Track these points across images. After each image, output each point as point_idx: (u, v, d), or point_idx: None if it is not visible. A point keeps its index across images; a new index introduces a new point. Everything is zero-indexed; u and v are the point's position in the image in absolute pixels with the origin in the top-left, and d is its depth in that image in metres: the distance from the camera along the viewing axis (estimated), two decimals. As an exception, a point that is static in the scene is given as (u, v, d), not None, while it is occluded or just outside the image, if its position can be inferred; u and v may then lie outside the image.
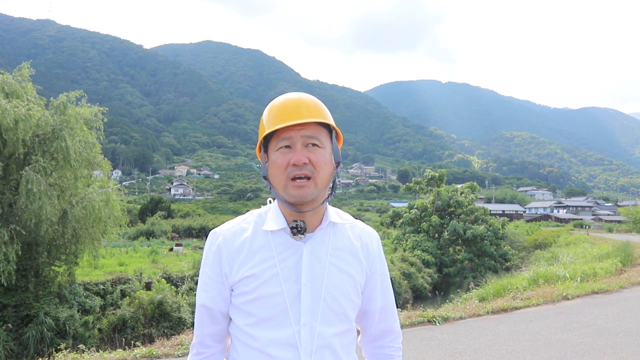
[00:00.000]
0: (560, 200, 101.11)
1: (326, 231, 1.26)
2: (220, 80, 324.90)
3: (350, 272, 1.27)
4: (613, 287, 9.29)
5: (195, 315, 1.33)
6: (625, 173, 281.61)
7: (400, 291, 20.63)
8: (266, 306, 1.20)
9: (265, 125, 1.23)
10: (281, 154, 1.20)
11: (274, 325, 1.19)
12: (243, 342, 1.23)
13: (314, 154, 1.19)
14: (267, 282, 1.20)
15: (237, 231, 1.27)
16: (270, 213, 1.26)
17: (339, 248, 1.26)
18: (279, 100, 1.26)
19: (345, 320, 1.25)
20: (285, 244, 1.23)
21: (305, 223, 1.22)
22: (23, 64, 12.91)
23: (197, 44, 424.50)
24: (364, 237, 1.33)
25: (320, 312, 1.20)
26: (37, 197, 10.87)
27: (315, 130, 1.21)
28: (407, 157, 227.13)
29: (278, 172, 1.20)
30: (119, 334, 11.75)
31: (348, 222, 1.31)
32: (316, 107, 1.23)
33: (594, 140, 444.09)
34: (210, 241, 1.29)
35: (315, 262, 1.22)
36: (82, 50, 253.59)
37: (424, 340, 5.72)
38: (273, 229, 1.23)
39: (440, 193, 30.41)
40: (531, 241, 36.05)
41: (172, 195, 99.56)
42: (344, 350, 1.25)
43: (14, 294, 11.32)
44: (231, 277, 1.24)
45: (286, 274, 1.20)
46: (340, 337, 1.23)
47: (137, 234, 35.04)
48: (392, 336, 1.39)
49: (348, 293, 1.25)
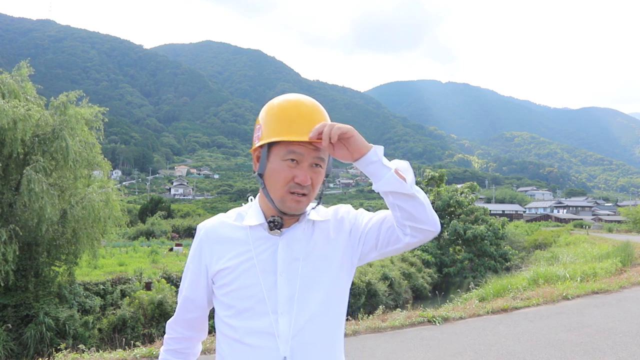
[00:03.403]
0: (560, 200, 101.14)
1: (303, 227, 1.30)
2: (220, 80, 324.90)
3: (326, 257, 1.30)
4: (613, 287, 9.28)
5: (177, 301, 1.43)
6: (625, 173, 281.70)
7: (400, 291, 20.63)
8: (244, 297, 1.24)
9: (272, 130, 1.24)
10: (287, 166, 1.23)
11: (252, 316, 1.23)
12: (224, 334, 1.28)
13: (316, 175, 1.25)
14: (244, 274, 1.25)
15: (218, 225, 1.34)
16: (251, 210, 1.33)
17: (314, 240, 1.30)
18: (292, 103, 1.27)
19: (323, 305, 1.27)
20: (263, 238, 1.28)
21: (283, 219, 1.27)
22: (22, 63, 12.83)
23: (197, 44, 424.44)
24: (333, 214, 1.36)
25: (297, 301, 1.23)
26: (38, 196, 10.87)
27: (324, 152, 1.25)
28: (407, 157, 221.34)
29: (280, 183, 1.24)
30: (119, 334, 11.75)
31: (325, 218, 1.34)
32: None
33: (594, 140, 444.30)
34: (195, 235, 1.38)
35: (290, 254, 1.27)
36: (82, 50, 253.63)
37: (424, 340, 5.71)
38: (252, 224, 1.29)
39: (441, 193, 30.41)
40: (531, 241, 36.06)
41: (172, 195, 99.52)
42: (323, 333, 1.27)
43: (14, 294, 11.31)
44: (211, 268, 1.30)
45: (262, 266, 1.25)
46: (317, 322, 1.26)
47: (137, 234, 35.01)
48: (387, 215, 1.32)
49: (327, 278, 1.28)
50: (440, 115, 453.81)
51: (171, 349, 1.44)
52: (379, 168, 1.20)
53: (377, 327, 6.16)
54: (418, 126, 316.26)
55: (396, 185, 1.19)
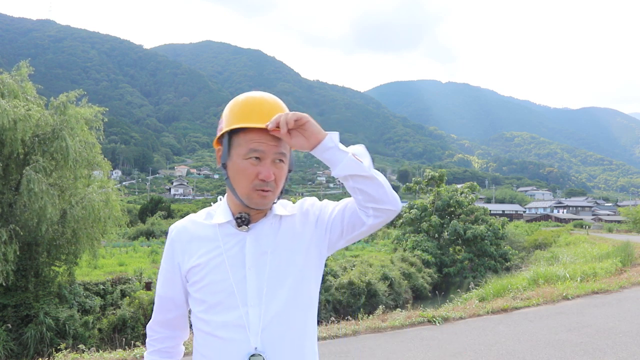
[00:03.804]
0: (560, 200, 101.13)
1: (270, 221, 1.34)
2: (220, 80, 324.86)
3: (294, 251, 1.33)
4: (613, 287, 9.28)
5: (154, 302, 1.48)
6: (625, 173, 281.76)
7: (400, 291, 20.62)
8: (214, 292, 1.28)
9: (232, 119, 1.30)
10: (251, 164, 1.27)
11: (223, 309, 1.27)
12: (199, 329, 1.32)
13: (279, 170, 1.30)
14: (214, 269, 1.29)
15: (188, 225, 1.38)
16: (219, 209, 1.37)
17: (281, 234, 1.34)
18: (253, 98, 1.33)
19: (292, 297, 1.30)
20: (231, 235, 1.32)
21: (250, 215, 1.32)
22: (21, 62, 12.80)
23: (197, 44, 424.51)
24: (298, 208, 1.40)
25: (266, 294, 1.27)
26: (38, 197, 10.86)
27: (285, 146, 1.30)
28: (407, 157, 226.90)
29: (245, 180, 1.28)
30: (119, 334, 11.76)
31: (291, 212, 1.38)
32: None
33: (594, 140, 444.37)
34: (167, 236, 1.42)
35: (258, 248, 1.30)
36: (82, 50, 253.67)
37: (424, 340, 5.71)
38: (220, 222, 1.33)
39: (440, 193, 30.40)
40: (531, 241, 36.06)
41: (172, 195, 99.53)
42: (293, 325, 1.30)
43: (14, 294, 11.31)
44: (183, 267, 1.34)
45: (231, 262, 1.29)
46: (287, 314, 1.29)
47: (137, 234, 35.03)
48: (348, 201, 1.37)
49: (295, 270, 1.32)
50: (440, 115, 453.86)
51: (155, 349, 1.47)
52: (336, 153, 1.24)
53: (377, 327, 6.16)
54: (418, 126, 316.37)
55: (354, 168, 1.23)
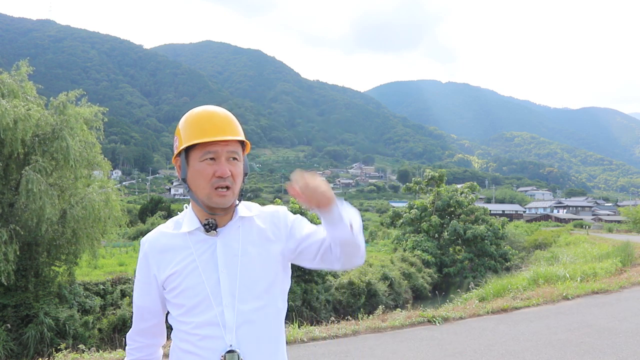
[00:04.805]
0: (560, 200, 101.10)
1: (236, 224, 1.43)
2: (220, 80, 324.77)
3: (263, 252, 1.42)
4: (613, 287, 9.28)
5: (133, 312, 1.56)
6: (625, 173, 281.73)
7: (400, 291, 20.63)
8: (191, 295, 1.36)
9: (189, 135, 1.38)
10: (207, 165, 1.36)
11: (201, 311, 1.35)
12: (177, 329, 1.41)
13: (234, 167, 1.39)
14: (189, 275, 1.37)
15: (159, 237, 1.45)
16: (186, 217, 1.45)
17: (249, 235, 1.42)
18: (201, 113, 1.42)
19: (263, 297, 1.39)
20: (201, 241, 1.40)
21: (217, 220, 1.40)
22: (21, 62, 12.81)
23: (197, 44, 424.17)
24: (270, 217, 1.48)
25: (238, 293, 1.36)
26: (37, 197, 10.87)
27: (236, 146, 1.40)
28: (407, 157, 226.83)
29: (203, 181, 1.36)
30: (119, 334, 11.76)
31: (256, 214, 1.46)
32: (236, 125, 1.42)
33: (594, 140, 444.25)
34: (140, 249, 1.49)
35: (228, 251, 1.39)
36: (82, 50, 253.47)
37: (424, 340, 5.71)
38: (190, 230, 1.41)
39: (440, 193, 30.42)
40: (531, 241, 36.07)
41: (172, 195, 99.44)
42: (265, 324, 1.39)
43: (14, 294, 11.32)
44: (159, 277, 1.42)
45: (204, 266, 1.37)
46: (260, 312, 1.37)
47: (137, 234, 34.96)
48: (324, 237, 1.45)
49: (265, 271, 1.40)
50: (440, 115, 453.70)
51: (134, 358, 1.54)
52: (338, 221, 1.33)
53: (377, 327, 6.16)
54: (418, 126, 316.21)
55: (348, 237, 1.34)
